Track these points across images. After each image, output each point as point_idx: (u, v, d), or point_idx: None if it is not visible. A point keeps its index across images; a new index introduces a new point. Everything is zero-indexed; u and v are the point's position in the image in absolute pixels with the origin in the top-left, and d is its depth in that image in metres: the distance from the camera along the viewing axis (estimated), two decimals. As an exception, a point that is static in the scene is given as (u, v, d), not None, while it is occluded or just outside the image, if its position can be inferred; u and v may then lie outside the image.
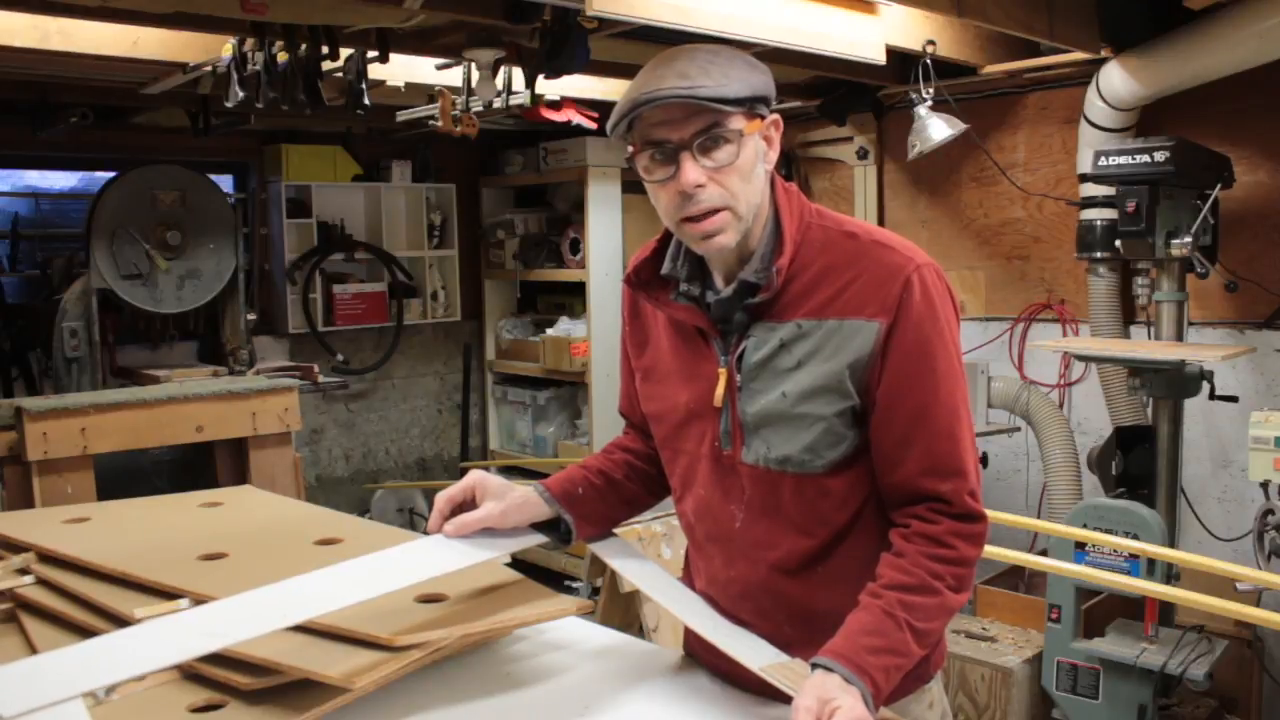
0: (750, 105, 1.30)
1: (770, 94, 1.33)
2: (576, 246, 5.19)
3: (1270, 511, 2.84)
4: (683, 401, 1.43)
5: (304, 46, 3.01)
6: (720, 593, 1.48)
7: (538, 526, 1.54)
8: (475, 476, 1.51)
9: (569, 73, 3.05)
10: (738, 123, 1.28)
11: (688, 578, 1.60)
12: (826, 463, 1.35)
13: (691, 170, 1.28)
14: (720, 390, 1.38)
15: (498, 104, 3.54)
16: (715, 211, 1.30)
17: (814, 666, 1.23)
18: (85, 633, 1.50)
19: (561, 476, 1.57)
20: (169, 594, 1.50)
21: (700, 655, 1.52)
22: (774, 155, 1.36)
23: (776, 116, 1.35)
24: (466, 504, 1.51)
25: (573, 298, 5.48)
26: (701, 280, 1.42)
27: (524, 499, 1.51)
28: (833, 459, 1.35)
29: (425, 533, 1.52)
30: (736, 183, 1.30)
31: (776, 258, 1.34)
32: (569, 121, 3.98)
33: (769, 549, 1.40)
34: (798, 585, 1.40)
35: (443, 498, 1.51)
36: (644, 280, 1.46)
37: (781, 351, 1.34)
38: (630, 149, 1.33)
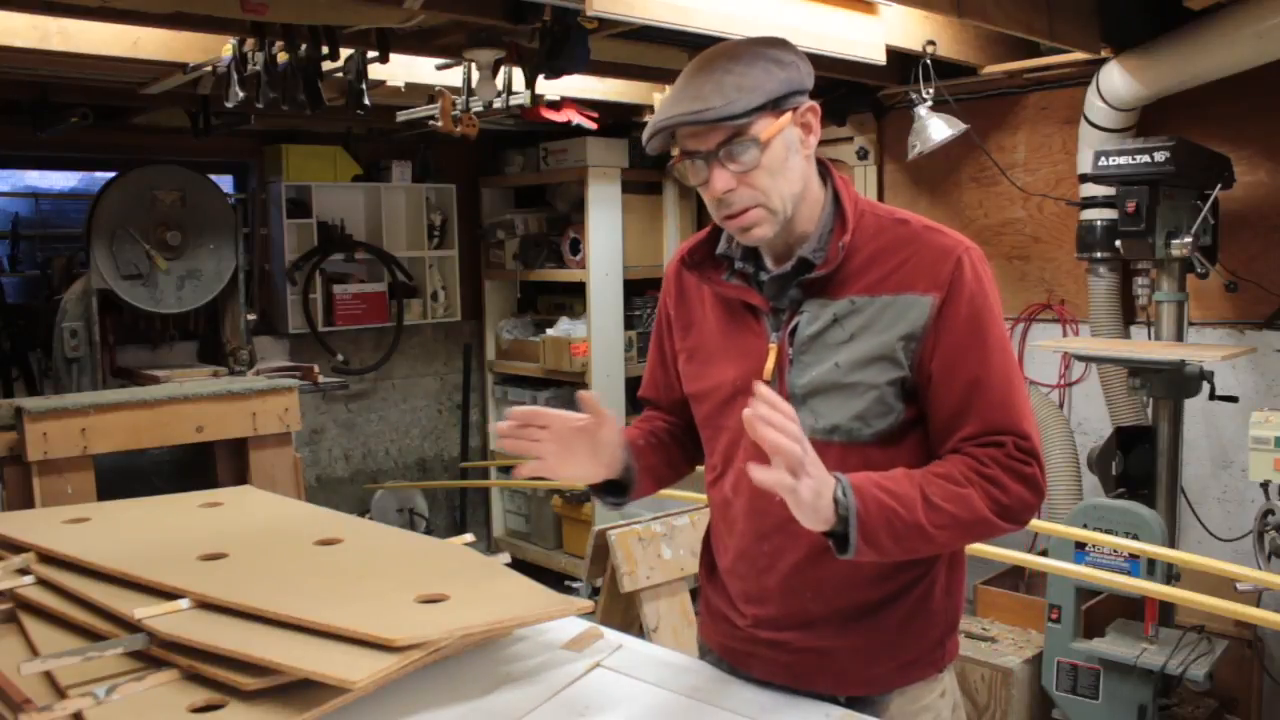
0: (776, 103, 1.35)
1: (801, 85, 1.38)
2: (576, 246, 5.19)
3: (1270, 511, 2.84)
4: (730, 378, 1.48)
5: (304, 46, 3.01)
6: (749, 567, 1.50)
7: (595, 488, 1.54)
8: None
9: (569, 73, 3.05)
10: (759, 127, 1.34)
11: (707, 559, 1.62)
12: (874, 432, 1.39)
13: (719, 178, 1.36)
14: (770, 365, 1.43)
15: (498, 104, 3.54)
16: (749, 209, 1.38)
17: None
18: (85, 633, 1.50)
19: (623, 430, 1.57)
20: (169, 594, 1.51)
21: (715, 650, 1.57)
22: (813, 140, 1.42)
23: (812, 104, 1.40)
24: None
25: (573, 298, 5.48)
26: (755, 259, 1.48)
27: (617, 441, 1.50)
28: (880, 429, 1.39)
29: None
30: (765, 180, 1.36)
31: (839, 235, 1.41)
32: (569, 121, 3.98)
33: None
34: (828, 562, 1.42)
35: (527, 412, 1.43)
36: (697, 260, 1.53)
37: (834, 326, 1.40)
38: (674, 154, 1.41)
